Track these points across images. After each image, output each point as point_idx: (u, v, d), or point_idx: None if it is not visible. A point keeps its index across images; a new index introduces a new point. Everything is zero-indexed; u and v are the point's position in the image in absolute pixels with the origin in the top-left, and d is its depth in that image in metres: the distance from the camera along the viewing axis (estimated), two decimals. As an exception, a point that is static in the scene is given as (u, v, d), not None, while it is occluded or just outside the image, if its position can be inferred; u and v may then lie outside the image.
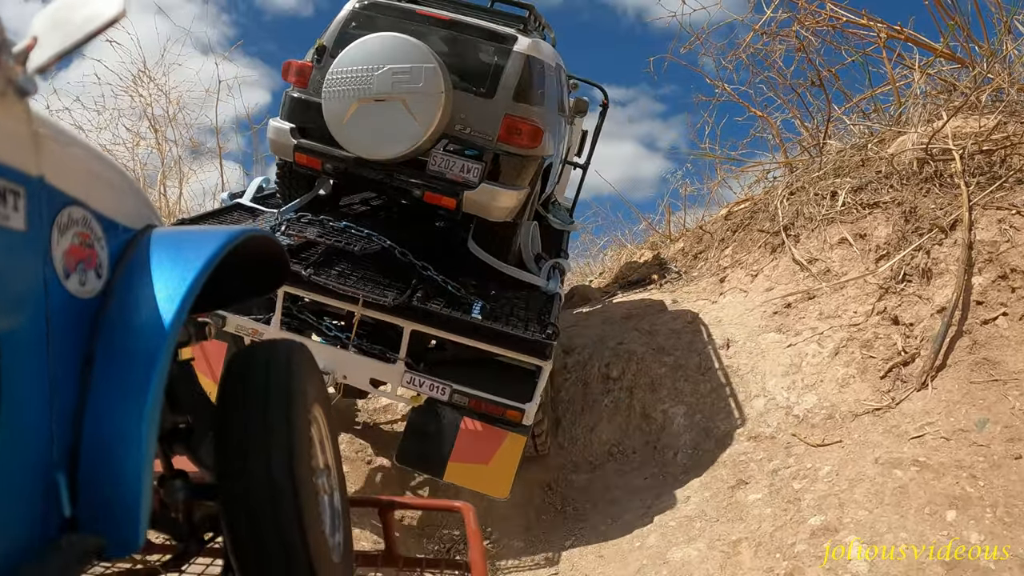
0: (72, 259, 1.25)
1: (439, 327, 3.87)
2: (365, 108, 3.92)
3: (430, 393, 3.88)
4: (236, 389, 1.58)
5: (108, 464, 1.21)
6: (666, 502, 4.29)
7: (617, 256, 10.11)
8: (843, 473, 3.90)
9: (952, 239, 5.09)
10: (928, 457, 3.83)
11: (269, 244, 1.86)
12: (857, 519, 3.52)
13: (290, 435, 1.51)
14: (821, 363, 4.85)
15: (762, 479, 4.15)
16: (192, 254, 1.41)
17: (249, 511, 1.45)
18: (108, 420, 1.23)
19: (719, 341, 5.49)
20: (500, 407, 3.82)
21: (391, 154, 4.00)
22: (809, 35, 7.36)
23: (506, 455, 3.86)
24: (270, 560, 1.46)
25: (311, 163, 4.26)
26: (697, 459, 4.59)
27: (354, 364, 4.00)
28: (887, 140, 6.72)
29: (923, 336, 4.72)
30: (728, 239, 7.39)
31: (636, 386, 5.39)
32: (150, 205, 1.70)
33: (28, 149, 1.15)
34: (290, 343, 1.77)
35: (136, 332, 1.29)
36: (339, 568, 1.70)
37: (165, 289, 1.34)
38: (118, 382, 1.25)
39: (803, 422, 4.48)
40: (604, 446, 5.08)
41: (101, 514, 1.21)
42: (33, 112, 1.20)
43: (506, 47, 4.24)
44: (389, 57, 3.91)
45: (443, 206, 4.14)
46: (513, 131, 4.11)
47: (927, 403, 4.30)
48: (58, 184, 1.22)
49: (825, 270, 5.64)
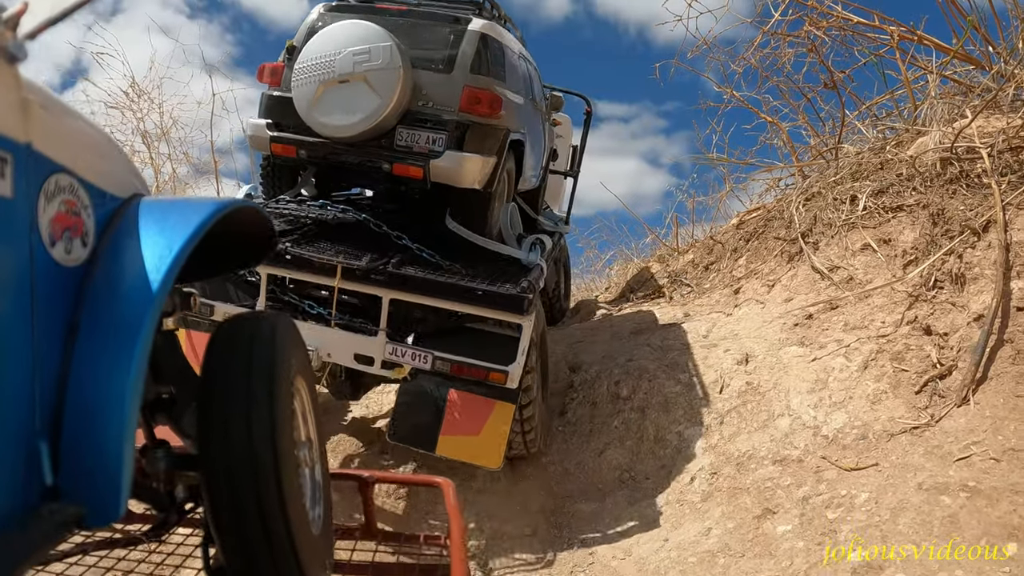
0: (58, 227, 1.24)
1: (416, 291, 3.97)
2: (330, 90, 4.12)
3: (412, 363, 3.96)
4: (220, 361, 1.56)
5: (90, 433, 1.21)
6: (684, 534, 3.89)
7: (623, 270, 9.77)
8: (883, 501, 3.50)
9: (986, 241, 4.72)
10: (978, 481, 3.43)
11: (256, 215, 1.83)
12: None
13: (272, 407, 1.50)
14: (849, 378, 4.46)
15: (791, 508, 3.74)
16: (179, 223, 1.40)
17: (230, 482, 1.45)
18: (91, 388, 1.22)
19: (737, 356, 5.10)
20: (483, 370, 3.89)
21: (359, 129, 4.15)
22: (822, 34, 7.05)
23: (496, 425, 3.94)
24: (250, 532, 1.46)
25: (287, 151, 4.44)
26: (717, 485, 4.18)
27: (337, 341, 4.07)
28: (906, 142, 6.39)
29: (960, 346, 4.33)
30: (741, 248, 7.04)
31: (648, 406, 5.00)
32: (138, 174, 1.68)
33: (16, 115, 1.14)
34: (275, 315, 1.78)
35: (121, 300, 1.29)
36: (319, 541, 1.71)
37: (151, 258, 1.33)
38: (102, 350, 1.24)
39: (833, 443, 4.08)
40: (614, 471, 4.68)
41: (83, 483, 1.20)
42: (22, 78, 1.18)
43: (461, 27, 4.45)
44: (348, 41, 4.13)
45: (411, 176, 4.25)
46: (473, 100, 4.26)
47: (970, 420, 3.91)
48: (46, 151, 1.21)
49: (848, 278, 5.27)
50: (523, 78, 5.23)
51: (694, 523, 3.96)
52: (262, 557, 1.48)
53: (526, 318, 3.94)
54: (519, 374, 3.92)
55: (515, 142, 4.76)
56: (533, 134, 5.41)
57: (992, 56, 6.44)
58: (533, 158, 5.55)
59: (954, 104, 6.33)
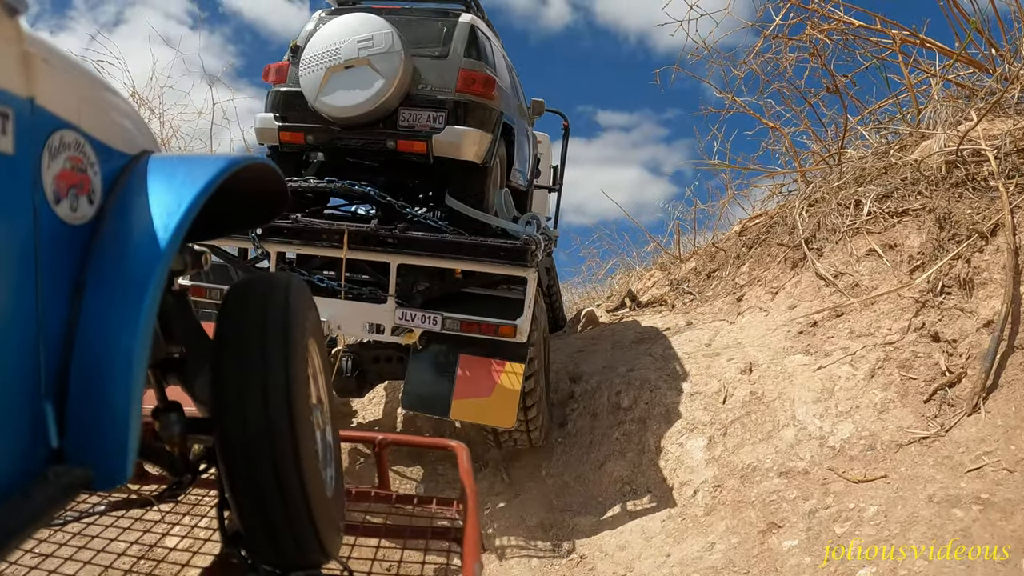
0: (63, 184, 1.20)
1: (423, 251, 4.11)
2: (337, 75, 4.33)
3: (423, 326, 4.11)
4: (233, 324, 1.53)
5: (96, 393, 1.17)
6: (687, 549, 3.76)
7: (625, 279, 9.66)
8: (892, 514, 3.37)
9: (994, 245, 4.61)
10: (991, 493, 3.31)
11: (268, 172, 1.78)
12: (916, 571, 2.98)
13: (288, 373, 1.48)
14: (856, 387, 4.34)
15: (797, 522, 3.61)
16: (188, 179, 1.36)
17: (246, 448, 1.44)
18: (97, 347, 1.18)
19: (740, 365, 4.98)
20: (491, 326, 4.04)
21: (364, 109, 4.31)
22: (824, 38, 6.96)
23: (506, 384, 4.06)
24: (266, 496, 1.45)
25: (295, 138, 4.61)
26: (721, 499, 4.06)
27: (348, 312, 4.23)
28: (910, 146, 6.29)
29: (969, 353, 4.21)
30: (744, 255, 6.93)
31: (650, 417, 4.88)
32: (148, 131, 1.63)
33: (18, 69, 1.10)
34: (286, 276, 1.72)
35: (128, 257, 1.25)
36: (332, 503, 1.70)
37: (159, 214, 1.29)
38: (108, 308, 1.20)
39: (840, 454, 3.96)
40: (615, 484, 4.55)
41: (89, 445, 1.18)
42: (24, 31, 1.13)
43: (451, 20, 4.76)
44: (352, 31, 4.35)
45: (415, 151, 4.42)
46: (469, 81, 4.49)
47: (981, 429, 3.78)
48: (49, 107, 1.17)
49: (853, 284, 5.15)
50: (508, 76, 5.45)
51: (697, 538, 3.83)
52: (279, 521, 1.48)
53: (530, 270, 4.11)
54: (527, 327, 4.09)
55: (507, 127, 4.94)
56: (520, 130, 5.61)
57: (995, 59, 6.36)
58: (521, 154, 5.74)
59: (958, 107, 6.24)
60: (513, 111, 5.30)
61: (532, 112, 6.44)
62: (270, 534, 1.51)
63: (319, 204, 4.92)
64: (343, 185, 4.53)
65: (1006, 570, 2.89)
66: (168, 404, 1.57)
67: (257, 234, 4.22)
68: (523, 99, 6.17)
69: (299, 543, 1.53)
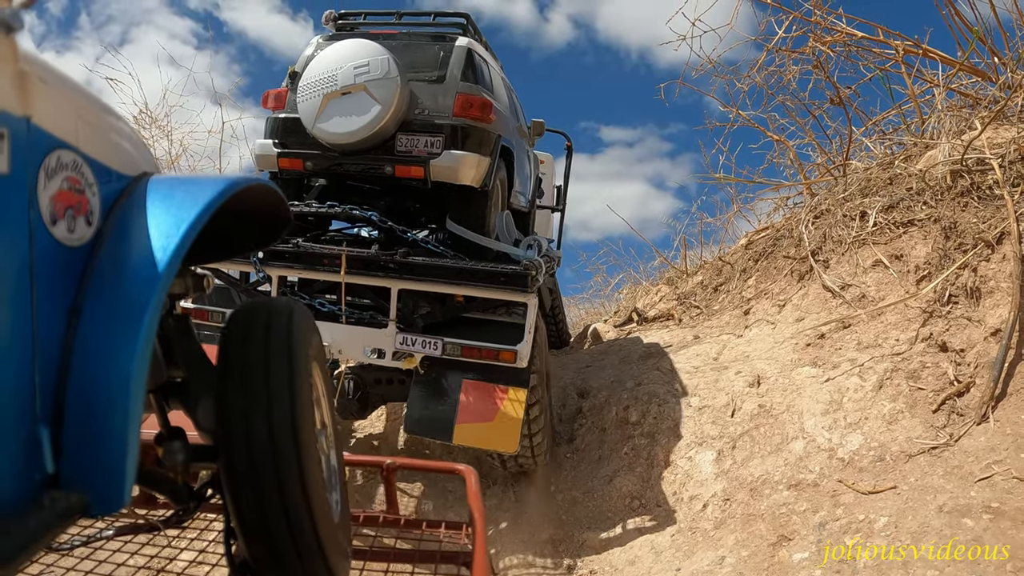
0: (60, 205, 1.19)
1: (424, 277, 4.13)
2: (334, 101, 4.33)
3: (423, 351, 4.12)
4: (237, 350, 1.52)
5: (93, 418, 1.15)
6: (697, 563, 3.75)
7: (632, 293, 9.66)
8: (903, 525, 3.35)
9: (1000, 253, 4.60)
10: (1002, 502, 3.28)
11: (269, 193, 1.77)
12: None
13: (293, 399, 1.47)
14: (864, 398, 4.32)
15: (808, 534, 3.60)
16: (188, 201, 1.34)
17: (252, 476, 1.42)
18: (94, 371, 1.17)
19: (748, 378, 4.97)
20: (492, 351, 4.06)
21: (362, 135, 4.30)
22: (827, 50, 6.99)
23: (509, 411, 4.06)
24: (273, 524, 1.44)
25: (293, 164, 4.60)
26: (730, 512, 4.04)
27: (349, 336, 4.24)
28: (914, 156, 6.29)
29: (977, 363, 4.20)
30: (750, 269, 6.93)
31: (658, 431, 4.88)
32: (148, 153, 1.62)
33: (13, 88, 1.10)
34: (289, 301, 1.71)
35: (126, 280, 1.23)
36: (339, 528, 1.69)
37: (158, 237, 1.28)
38: (105, 332, 1.19)
39: (849, 466, 3.94)
40: (624, 499, 4.54)
41: (85, 470, 1.16)
42: (20, 49, 1.12)
43: (448, 44, 4.75)
44: (348, 57, 4.35)
45: (413, 176, 4.40)
46: (466, 105, 4.46)
47: (990, 438, 3.76)
48: (46, 126, 1.16)
49: (860, 296, 5.15)
50: (506, 97, 5.45)
51: (707, 551, 3.82)
52: (286, 550, 1.47)
53: (530, 295, 4.10)
54: (528, 353, 4.10)
55: (505, 150, 4.93)
56: (519, 151, 5.60)
57: (998, 67, 6.36)
58: (521, 175, 5.73)
59: (962, 116, 6.24)
60: (512, 133, 5.31)
61: (533, 133, 6.44)
62: (278, 563, 1.48)
63: (321, 228, 4.95)
64: (344, 210, 4.52)
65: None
66: (171, 431, 1.55)
67: (259, 258, 4.23)
68: (523, 120, 6.16)
69: (307, 571, 1.50)
